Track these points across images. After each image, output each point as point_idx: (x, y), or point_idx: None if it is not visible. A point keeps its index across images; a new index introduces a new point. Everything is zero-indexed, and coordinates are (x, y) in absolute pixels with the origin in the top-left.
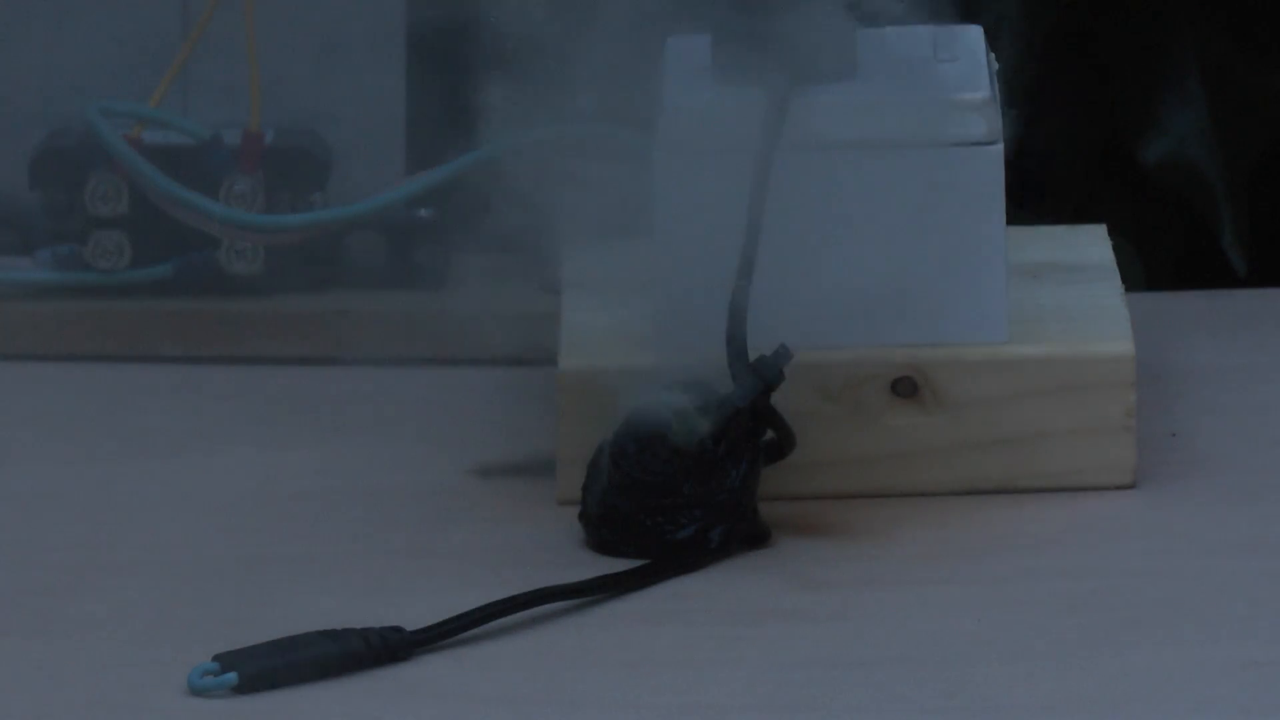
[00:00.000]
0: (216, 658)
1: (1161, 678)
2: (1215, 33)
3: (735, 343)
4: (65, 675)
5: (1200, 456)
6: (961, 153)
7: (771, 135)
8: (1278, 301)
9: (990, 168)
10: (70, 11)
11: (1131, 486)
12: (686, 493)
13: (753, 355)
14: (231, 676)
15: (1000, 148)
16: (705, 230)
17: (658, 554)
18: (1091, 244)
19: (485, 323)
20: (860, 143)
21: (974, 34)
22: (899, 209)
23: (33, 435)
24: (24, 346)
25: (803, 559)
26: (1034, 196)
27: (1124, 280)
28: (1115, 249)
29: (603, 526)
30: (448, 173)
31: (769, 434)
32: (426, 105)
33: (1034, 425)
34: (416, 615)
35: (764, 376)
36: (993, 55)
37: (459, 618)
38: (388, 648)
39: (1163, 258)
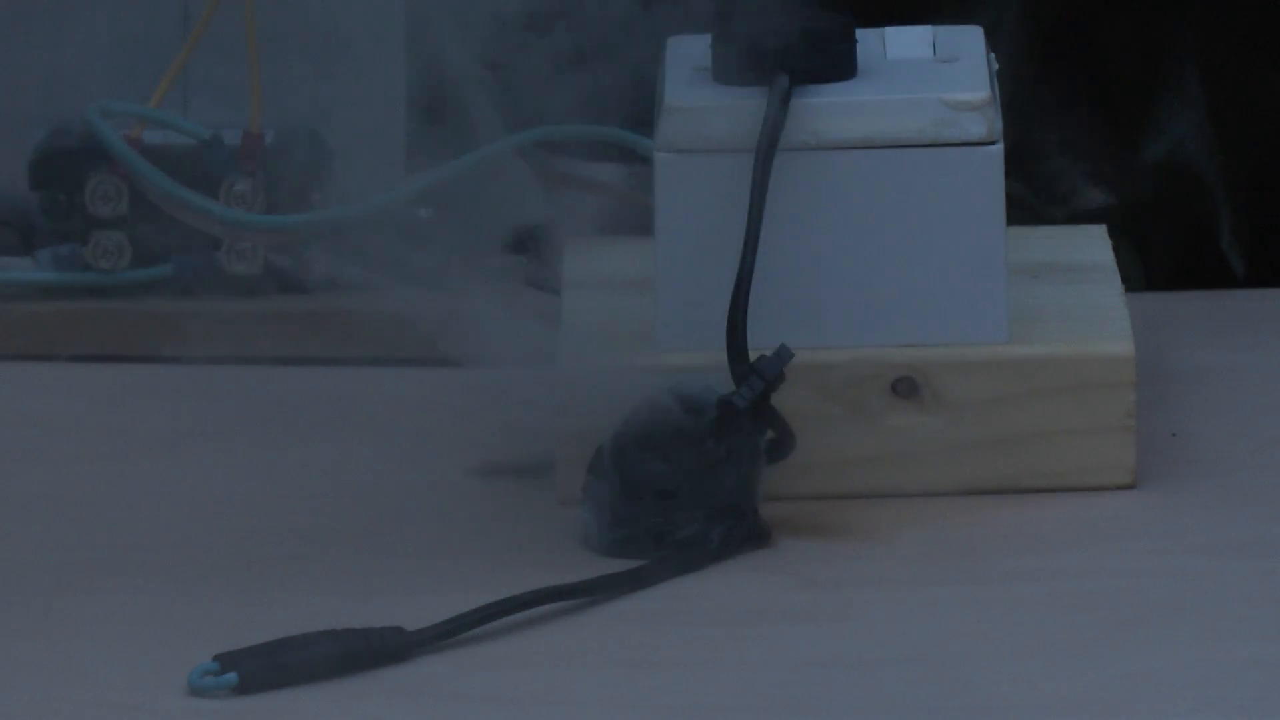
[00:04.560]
0: (216, 658)
1: (1161, 678)
2: (1215, 33)
3: (735, 343)
4: (65, 675)
5: (1200, 456)
6: (961, 153)
7: (771, 135)
8: (1278, 301)
9: (990, 168)
10: (70, 11)
11: (1131, 486)
12: (686, 493)
13: (753, 355)
14: (231, 676)
15: (1000, 148)
16: (705, 230)
17: (658, 554)
18: (1091, 244)
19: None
20: (860, 143)
21: (974, 34)
22: (899, 209)
23: (33, 435)
24: (24, 346)
25: (803, 559)
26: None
27: (1124, 280)
28: (1115, 249)
29: (602, 527)
30: (448, 173)
31: (769, 434)
32: (426, 105)
33: (1034, 425)
34: (416, 615)
35: (764, 376)
36: (993, 55)
37: (459, 618)
38: (388, 648)
39: (1163, 258)
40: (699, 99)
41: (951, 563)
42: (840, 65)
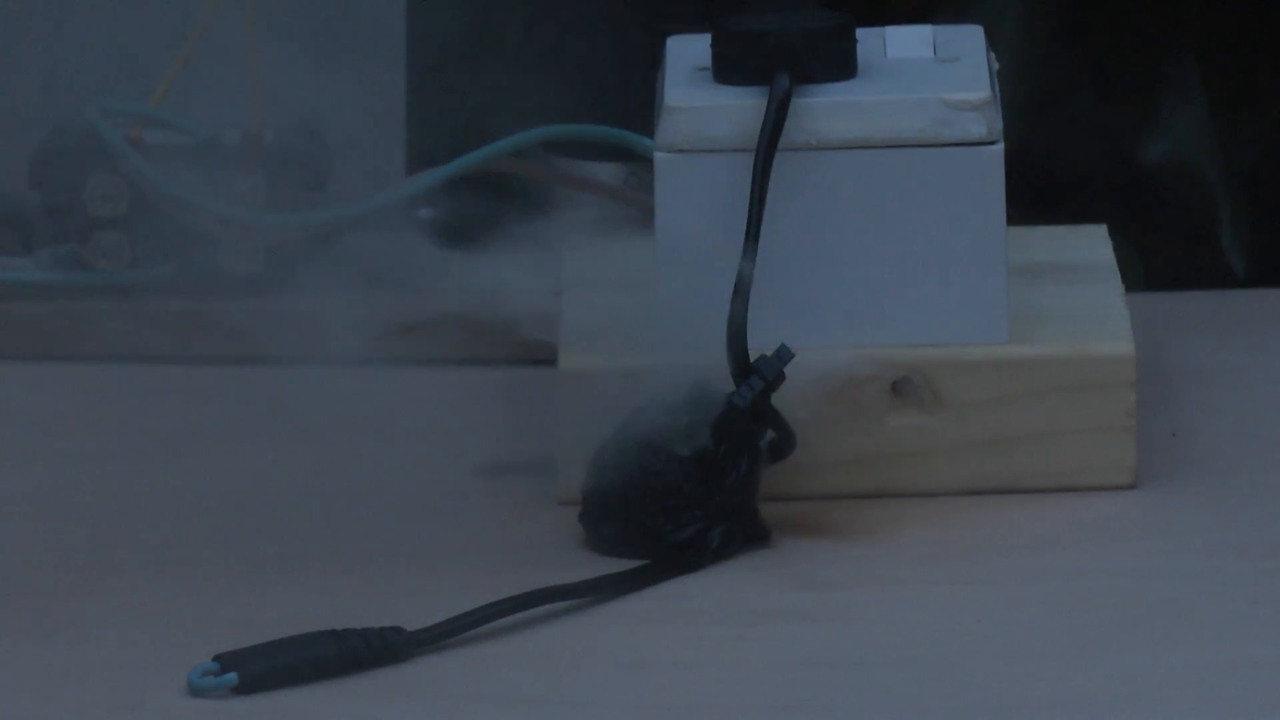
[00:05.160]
0: (216, 658)
1: (1161, 678)
2: (1215, 33)
3: (735, 343)
4: (65, 675)
5: (1200, 456)
6: (961, 153)
7: (771, 135)
8: (1278, 301)
9: (990, 168)
10: (70, 11)
11: (1131, 486)
12: (686, 493)
13: (753, 355)
14: (231, 676)
15: (1000, 148)
16: (705, 230)
17: (658, 554)
18: (1091, 244)
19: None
20: (860, 143)
21: (974, 34)
22: (899, 209)
23: (33, 435)
24: (24, 346)
25: (803, 559)
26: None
27: (1124, 280)
28: (1115, 249)
29: (603, 527)
30: (448, 173)
31: (769, 434)
32: (427, 105)
33: (1034, 425)
34: (416, 615)
35: (764, 376)
36: (993, 55)
37: (459, 618)
38: (388, 648)
39: (1163, 258)
40: (699, 99)
41: (951, 563)
42: (840, 65)
